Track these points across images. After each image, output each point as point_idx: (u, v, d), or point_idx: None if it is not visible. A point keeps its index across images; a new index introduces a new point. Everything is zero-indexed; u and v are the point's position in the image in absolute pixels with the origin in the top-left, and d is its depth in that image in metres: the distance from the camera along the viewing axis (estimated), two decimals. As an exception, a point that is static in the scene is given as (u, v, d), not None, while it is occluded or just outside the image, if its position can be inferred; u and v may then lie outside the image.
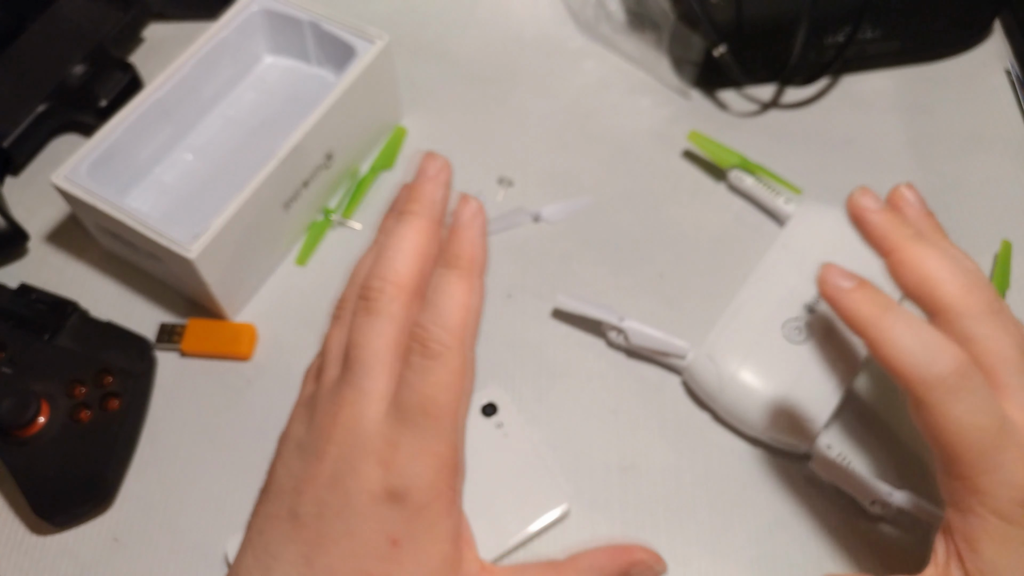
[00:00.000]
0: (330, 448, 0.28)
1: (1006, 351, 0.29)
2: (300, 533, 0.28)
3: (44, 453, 0.40)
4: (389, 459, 0.28)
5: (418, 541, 0.28)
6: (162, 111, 0.46)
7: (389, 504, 0.27)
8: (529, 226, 0.48)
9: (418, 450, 0.28)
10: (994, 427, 0.28)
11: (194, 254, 0.40)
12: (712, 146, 0.49)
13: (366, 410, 0.28)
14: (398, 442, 0.28)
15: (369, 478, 0.28)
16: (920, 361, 0.28)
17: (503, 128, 0.52)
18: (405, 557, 0.28)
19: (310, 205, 0.47)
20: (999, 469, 0.28)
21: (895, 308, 0.29)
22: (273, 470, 0.30)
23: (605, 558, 0.31)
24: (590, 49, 0.56)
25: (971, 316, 0.30)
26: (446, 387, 0.28)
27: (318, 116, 0.44)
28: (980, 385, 0.28)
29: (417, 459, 0.28)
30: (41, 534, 0.40)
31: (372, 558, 0.27)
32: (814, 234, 0.45)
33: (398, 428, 0.28)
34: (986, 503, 0.28)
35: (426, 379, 0.28)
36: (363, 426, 0.28)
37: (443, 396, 0.28)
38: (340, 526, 0.28)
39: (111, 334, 0.43)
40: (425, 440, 0.28)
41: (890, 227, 0.32)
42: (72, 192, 0.42)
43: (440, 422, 0.28)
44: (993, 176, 0.49)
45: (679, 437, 0.42)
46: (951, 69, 0.54)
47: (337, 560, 0.27)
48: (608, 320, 0.43)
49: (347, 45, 0.47)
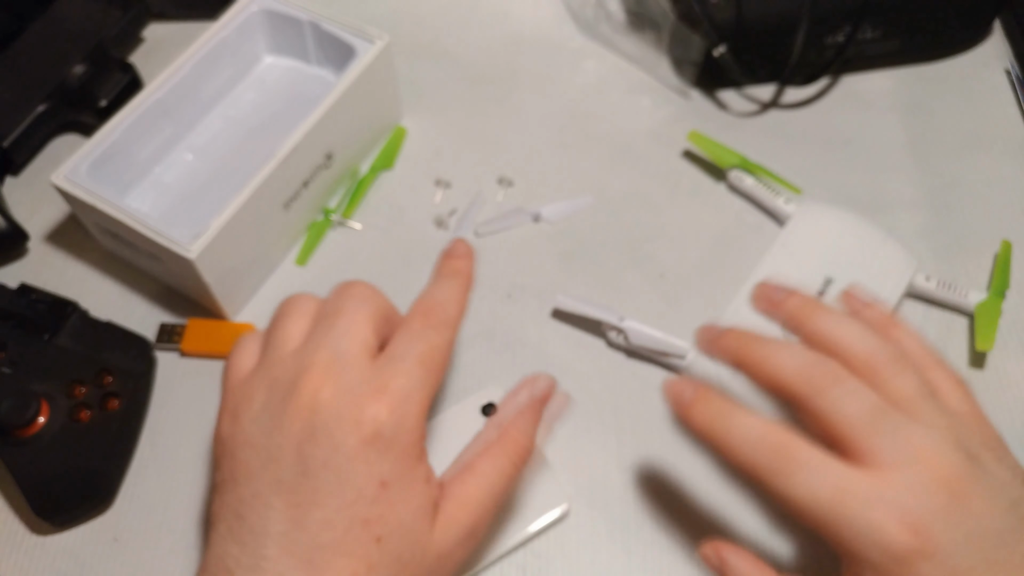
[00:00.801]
0: (303, 404, 0.29)
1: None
2: (287, 498, 0.29)
3: (44, 453, 0.39)
4: (376, 403, 0.29)
5: (404, 480, 0.30)
6: (162, 111, 0.46)
7: (378, 446, 0.29)
8: (529, 226, 0.48)
9: (408, 395, 0.30)
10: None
11: (194, 254, 0.40)
12: (712, 146, 0.49)
13: (347, 364, 0.30)
14: (388, 386, 0.30)
15: (356, 422, 0.29)
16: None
17: (503, 128, 0.52)
18: (394, 496, 0.29)
19: (310, 205, 0.47)
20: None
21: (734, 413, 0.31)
22: (230, 457, 0.31)
23: (512, 397, 0.35)
24: (590, 49, 0.56)
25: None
26: (441, 350, 0.32)
27: (318, 116, 0.44)
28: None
29: (407, 402, 0.30)
30: (41, 534, 0.40)
31: (364, 502, 0.29)
32: (814, 234, 0.45)
33: (389, 374, 0.30)
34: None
35: (427, 339, 0.32)
36: (345, 377, 0.30)
37: (438, 356, 0.32)
38: (329, 476, 0.29)
39: (111, 334, 0.43)
40: (415, 387, 0.30)
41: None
42: (72, 192, 0.42)
43: (431, 375, 0.31)
44: (993, 176, 0.49)
45: (679, 437, 0.42)
46: (951, 69, 0.54)
47: (331, 512, 0.29)
48: (608, 320, 0.43)
49: (347, 45, 0.47)
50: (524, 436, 0.34)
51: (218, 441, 0.32)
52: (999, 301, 0.43)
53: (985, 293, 0.44)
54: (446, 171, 0.50)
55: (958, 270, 0.46)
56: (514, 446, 0.33)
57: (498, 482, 0.33)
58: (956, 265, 0.46)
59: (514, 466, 0.33)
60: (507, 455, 0.33)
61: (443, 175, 0.50)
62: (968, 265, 0.46)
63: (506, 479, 0.33)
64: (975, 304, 0.43)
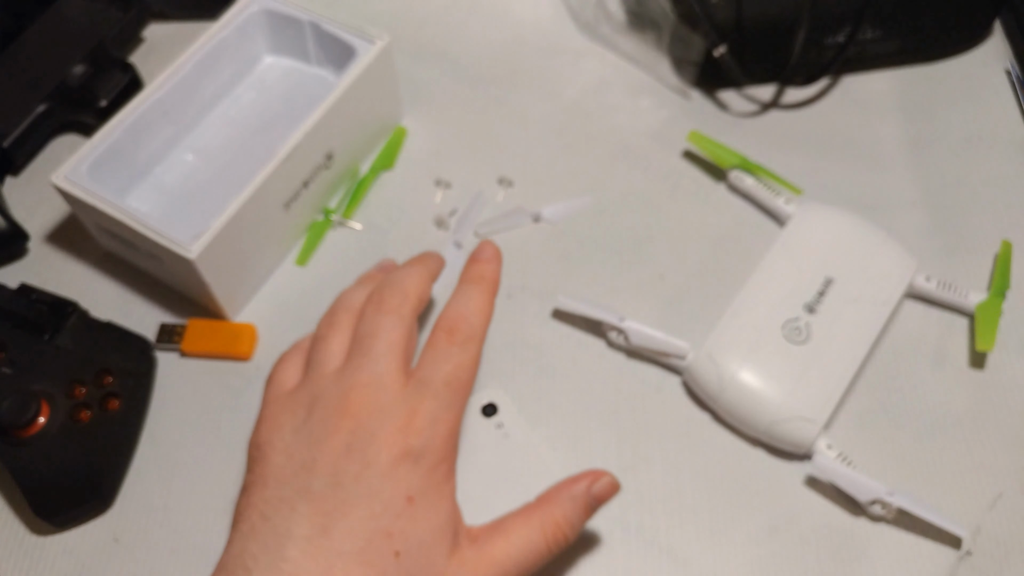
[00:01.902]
0: (344, 423, 0.31)
1: None
2: (315, 506, 0.30)
3: (44, 453, 0.39)
4: (408, 424, 0.31)
5: (430, 497, 0.31)
6: (162, 111, 0.46)
7: (408, 464, 0.30)
8: (529, 226, 0.48)
9: (437, 416, 0.31)
10: None
11: (194, 254, 0.40)
12: (712, 146, 0.49)
13: (384, 386, 0.32)
14: (418, 409, 0.31)
15: (389, 441, 0.30)
16: None
17: (503, 128, 0.52)
18: (419, 512, 0.30)
19: (310, 205, 0.47)
20: None
21: None
22: (265, 462, 0.32)
23: (572, 483, 0.35)
24: (590, 49, 0.56)
25: None
26: (467, 368, 0.33)
27: (318, 116, 0.44)
28: None
29: (436, 424, 0.31)
30: (41, 534, 0.40)
31: (390, 515, 0.30)
32: (814, 234, 0.45)
33: (418, 398, 0.32)
34: None
35: (451, 359, 0.32)
36: (381, 398, 0.31)
37: (464, 375, 0.33)
38: (360, 489, 0.30)
39: (111, 334, 0.43)
40: (443, 408, 0.32)
41: None
42: (72, 192, 0.42)
43: (458, 395, 0.32)
44: (993, 176, 0.49)
45: (679, 437, 0.42)
46: (951, 69, 0.54)
47: (357, 522, 0.29)
48: (608, 320, 0.43)
49: (347, 45, 0.47)
50: (568, 525, 0.33)
51: (254, 445, 0.33)
52: (999, 301, 0.43)
53: (985, 293, 0.44)
54: (446, 171, 0.50)
55: (958, 270, 0.46)
56: (555, 529, 0.33)
57: (526, 553, 0.32)
58: (956, 265, 0.46)
59: (548, 548, 0.33)
60: (544, 535, 0.33)
61: (443, 175, 0.50)
62: (968, 265, 0.46)
63: (535, 557, 0.33)
64: (975, 304, 0.43)
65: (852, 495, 0.38)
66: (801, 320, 0.42)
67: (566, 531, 0.33)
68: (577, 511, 0.34)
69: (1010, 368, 0.43)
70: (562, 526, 0.33)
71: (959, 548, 0.38)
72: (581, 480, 0.35)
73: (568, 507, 0.34)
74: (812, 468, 0.39)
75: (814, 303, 0.42)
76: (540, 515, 0.33)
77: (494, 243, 0.37)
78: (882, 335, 0.43)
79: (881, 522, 0.39)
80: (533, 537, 0.33)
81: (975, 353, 0.43)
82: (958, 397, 0.42)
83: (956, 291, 0.44)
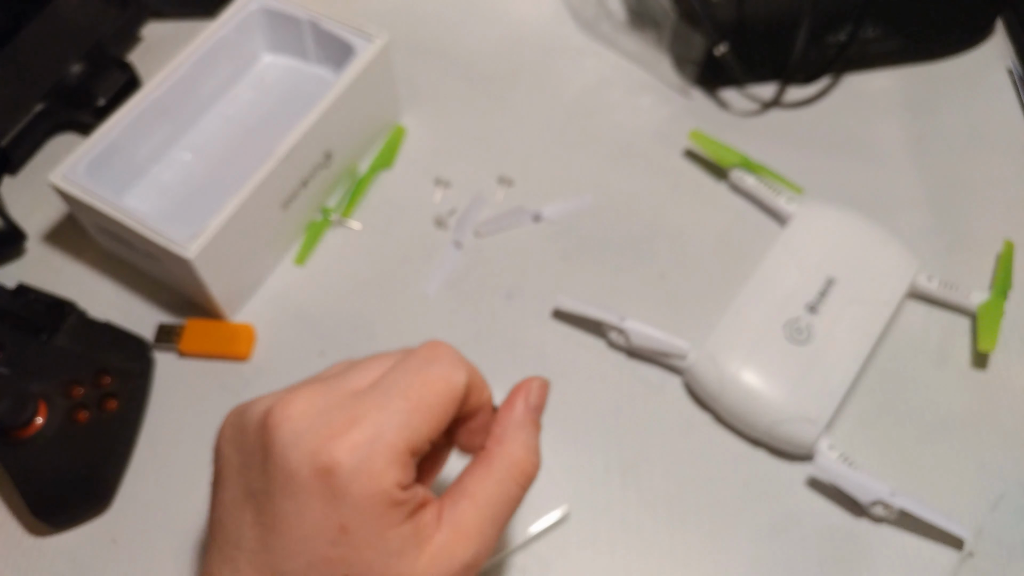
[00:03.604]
0: (275, 419, 0.27)
1: None
2: (254, 515, 0.27)
3: (42, 454, 0.39)
4: (338, 439, 0.26)
5: (368, 529, 0.26)
6: (160, 110, 0.46)
7: (332, 488, 0.25)
8: (529, 226, 0.48)
9: (376, 435, 0.26)
10: None
11: (192, 254, 0.40)
12: (713, 145, 0.49)
13: (331, 388, 0.27)
14: (357, 421, 0.26)
15: (313, 452, 0.25)
16: None
17: (503, 127, 0.52)
18: (359, 543, 0.26)
19: (309, 204, 0.47)
20: None
21: None
22: (219, 454, 0.29)
23: (509, 411, 0.31)
24: (591, 48, 0.55)
25: None
26: (435, 385, 0.28)
27: (317, 115, 0.44)
28: None
29: (373, 443, 0.26)
30: (39, 535, 0.40)
31: (323, 541, 0.26)
32: (816, 234, 0.45)
33: (363, 408, 0.26)
34: None
35: (423, 369, 0.28)
36: (321, 399, 0.27)
37: (432, 390, 0.27)
38: (286, 504, 0.26)
39: (109, 334, 0.43)
40: (389, 427, 0.26)
41: None
42: (70, 192, 0.42)
43: (417, 414, 0.27)
44: (995, 176, 0.49)
45: (680, 438, 0.41)
46: (953, 68, 0.54)
47: (292, 543, 0.26)
48: (609, 320, 0.43)
49: (346, 44, 0.47)
50: (525, 451, 0.30)
51: (218, 435, 0.30)
52: (1001, 301, 0.43)
53: (987, 293, 0.44)
54: (446, 170, 0.50)
55: (960, 270, 0.46)
56: (520, 467, 0.30)
57: (500, 506, 0.29)
58: (958, 265, 0.46)
59: (519, 486, 0.30)
60: (510, 475, 0.29)
61: (443, 174, 0.50)
62: (970, 265, 0.46)
63: (509, 502, 0.29)
64: (977, 304, 0.43)
65: (854, 496, 0.38)
66: (802, 320, 0.42)
67: (531, 462, 0.30)
68: (529, 436, 0.30)
69: (1012, 368, 0.43)
70: (525, 459, 0.30)
71: (961, 549, 0.38)
72: (515, 402, 0.31)
73: (520, 436, 0.30)
74: (813, 469, 0.39)
75: (815, 303, 0.42)
76: (499, 460, 0.29)
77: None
78: (884, 335, 0.43)
79: (883, 523, 0.39)
80: (502, 486, 0.29)
81: (977, 353, 0.43)
82: (960, 397, 0.42)
83: (958, 291, 0.44)
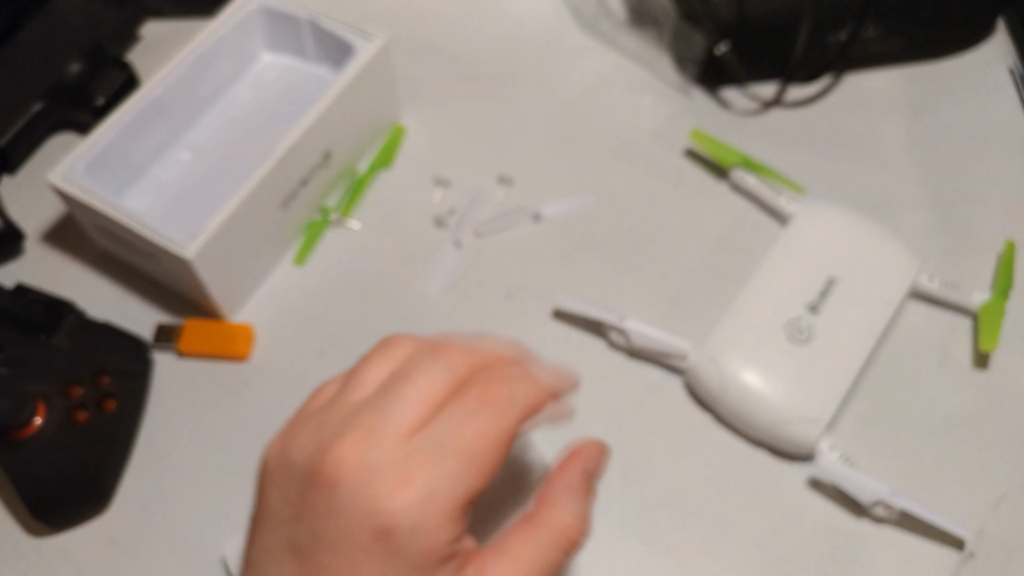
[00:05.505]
0: (323, 477, 0.26)
1: None
2: (299, 566, 0.26)
3: (40, 454, 0.39)
4: (395, 497, 0.25)
5: None
6: (159, 110, 0.46)
7: (390, 547, 0.25)
8: (529, 226, 0.48)
9: (431, 493, 0.26)
10: None
11: (191, 254, 0.40)
12: (714, 145, 0.49)
13: (378, 438, 0.26)
14: (412, 479, 0.26)
15: (371, 513, 0.25)
16: None
17: (503, 126, 0.52)
18: None
19: (308, 204, 0.47)
20: None
21: None
22: (265, 495, 0.28)
23: (563, 474, 0.30)
24: (591, 47, 0.55)
25: None
26: (488, 438, 0.27)
27: (316, 114, 0.44)
28: None
29: (429, 502, 0.25)
30: (37, 536, 0.40)
31: None
32: (817, 233, 0.45)
33: (417, 464, 0.26)
34: None
35: (475, 422, 0.27)
36: (374, 454, 0.26)
37: (485, 445, 0.27)
38: (338, 561, 0.26)
39: (108, 335, 0.43)
40: (444, 483, 0.26)
41: None
42: (69, 191, 0.42)
43: (471, 469, 0.26)
44: (997, 175, 0.49)
45: (681, 438, 0.41)
46: (954, 68, 0.54)
47: None
48: (609, 320, 0.43)
49: (345, 43, 0.47)
50: (576, 523, 0.29)
51: (263, 463, 0.29)
52: (1003, 301, 0.43)
53: (989, 293, 0.43)
54: (445, 170, 0.50)
55: (961, 270, 0.45)
56: (565, 534, 0.29)
57: (541, 571, 0.28)
58: (959, 265, 0.46)
59: (563, 553, 0.28)
60: (554, 540, 0.28)
61: (442, 174, 0.50)
62: (972, 265, 0.46)
63: (551, 567, 0.28)
64: (979, 304, 0.43)
65: (855, 496, 0.38)
66: (803, 320, 0.41)
67: (578, 530, 0.29)
68: (580, 503, 0.30)
69: (1013, 368, 0.43)
70: (571, 527, 0.29)
71: (962, 550, 0.38)
72: (572, 466, 0.31)
73: (570, 503, 0.29)
74: (814, 469, 0.39)
75: (816, 303, 0.42)
76: (545, 524, 0.29)
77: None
78: (885, 335, 0.43)
79: (884, 524, 0.39)
80: (545, 552, 0.28)
81: (978, 353, 0.43)
82: (961, 398, 0.42)
83: (959, 291, 0.44)
